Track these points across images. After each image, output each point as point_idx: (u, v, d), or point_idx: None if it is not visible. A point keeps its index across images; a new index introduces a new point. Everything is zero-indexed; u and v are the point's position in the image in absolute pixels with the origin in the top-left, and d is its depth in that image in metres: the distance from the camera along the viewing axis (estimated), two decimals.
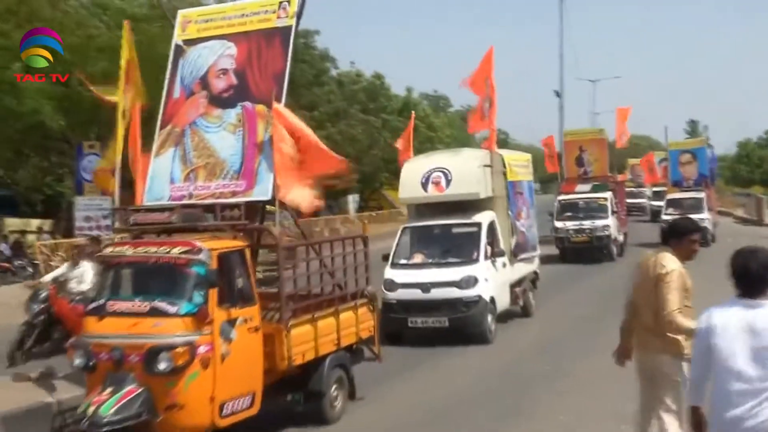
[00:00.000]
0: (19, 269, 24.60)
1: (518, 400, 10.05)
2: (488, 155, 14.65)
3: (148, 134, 9.26)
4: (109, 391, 7.14)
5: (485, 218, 14.17)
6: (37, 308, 9.86)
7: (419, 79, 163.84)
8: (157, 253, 7.53)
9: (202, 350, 7.24)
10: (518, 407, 9.69)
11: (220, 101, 8.79)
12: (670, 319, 5.85)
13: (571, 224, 25.56)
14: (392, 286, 13.55)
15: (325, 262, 9.31)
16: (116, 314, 7.48)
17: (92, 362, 7.43)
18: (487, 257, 13.72)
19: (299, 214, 8.97)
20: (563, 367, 11.69)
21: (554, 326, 14.98)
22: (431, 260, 13.85)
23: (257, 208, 8.39)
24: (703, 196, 31.48)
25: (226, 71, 8.91)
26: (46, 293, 9.98)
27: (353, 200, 47.69)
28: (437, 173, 14.21)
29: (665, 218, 29.65)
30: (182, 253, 7.44)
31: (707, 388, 4.69)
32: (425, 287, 13.35)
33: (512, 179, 15.05)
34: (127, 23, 10.78)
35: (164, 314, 7.28)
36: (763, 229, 38.17)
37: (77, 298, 9.63)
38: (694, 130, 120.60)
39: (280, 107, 8.11)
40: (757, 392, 4.37)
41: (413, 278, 13.51)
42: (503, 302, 14.28)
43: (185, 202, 8.33)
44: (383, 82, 47.28)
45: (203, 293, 7.31)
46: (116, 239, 9.79)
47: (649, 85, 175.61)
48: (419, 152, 19.11)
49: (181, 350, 7.11)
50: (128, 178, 9.43)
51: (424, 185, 14.19)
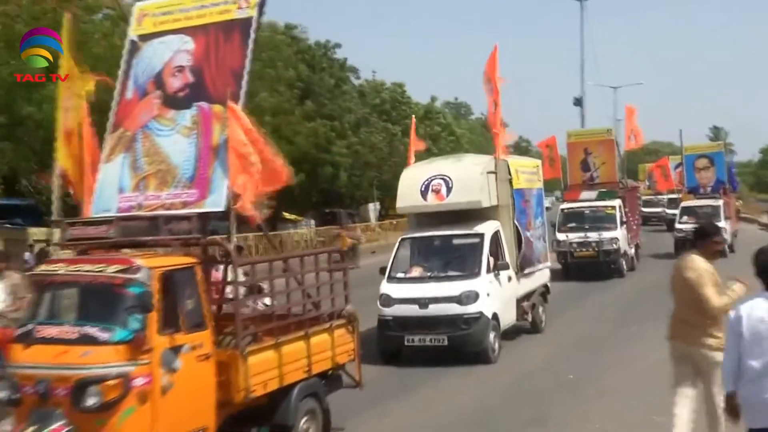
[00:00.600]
0: None
1: (520, 421, 9.31)
2: (492, 161, 13.48)
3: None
4: (32, 429, 6.15)
5: (488, 228, 13.01)
6: None
7: (441, 87, 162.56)
8: (90, 272, 6.51)
9: (138, 383, 6.18)
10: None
11: (174, 102, 7.72)
12: (715, 311, 6.58)
13: (574, 236, 22.56)
14: (388, 301, 12.46)
15: (295, 278, 8.13)
16: (44, 341, 6.47)
17: (17, 396, 6.41)
18: (489, 270, 12.58)
19: (253, 225, 7.79)
20: (570, 387, 10.81)
21: (563, 343, 13.89)
22: (430, 274, 12.73)
23: (209, 220, 7.22)
24: (720, 203, 29.13)
25: (182, 68, 7.85)
26: None
27: (374, 208, 46.64)
28: (437, 180, 13.08)
29: (679, 227, 28.10)
30: (118, 272, 6.39)
31: (739, 374, 5.18)
32: (423, 303, 12.25)
33: (519, 187, 13.88)
34: (68, 15, 9.54)
35: (95, 342, 6.26)
36: None
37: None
38: (717, 136, 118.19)
39: (236, 107, 6.98)
40: None
41: (410, 293, 12.40)
42: (508, 318, 13.10)
43: (126, 214, 7.22)
44: (404, 90, 46.15)
45: (141, 317, 6.25)
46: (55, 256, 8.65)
47: (671, 91, 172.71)
48: None
49: (112, 383, 6.09)
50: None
51: (423, 193, 13.07)
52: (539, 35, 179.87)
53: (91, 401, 6.10)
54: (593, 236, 22.28)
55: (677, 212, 29.91)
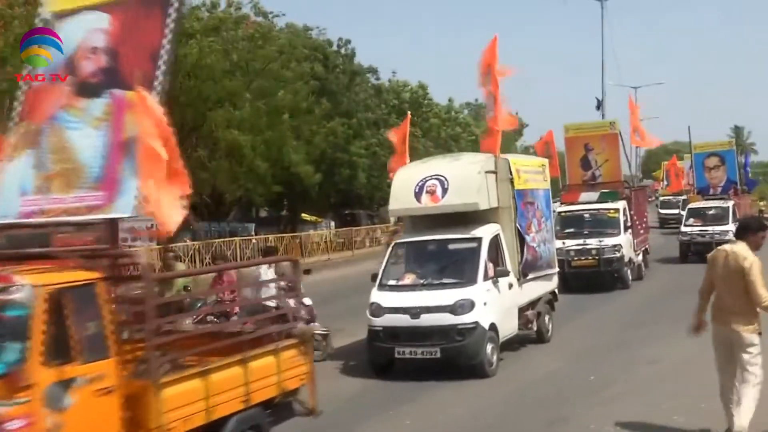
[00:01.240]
0: None
1: None
2: (491, 160, 12.10)
3: None
4: None
5: (487, 232, 11.64)
6: None
7: (460, 88, 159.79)
8: None
9: (14, 426, 4.85)
10: None
11: (86, 89, 6.48)
12: (762, 301, 6.93)
13: (572, 243, 19.17)
14: (378, 310, 11.23)
15: (227, 295, 6.78)
16: None
17: None
18: (487, 277, 11.28)
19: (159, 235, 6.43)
20: (573, 401, 9.69)
21: (568, 355, 12.55)
22: (423, 281, 11.43)
23: (117, 227, 5.87)
24: (729, 205, 26.59)
25: (95, 50, 6.57)
26: None
27: None
28: (432, 181, 11.74)
29: (684, 230, 26.04)
30: None
31: None
32: (414, 313, 11.03)
33: (521, 187, 12.47)
34: None
35: None
36: None
37: None
38: (738, 135, 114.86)
39: (147, 94, 5.63)
40: None
41: (401, 302, 11.15)
42: (508, 328, 11.75)
43: (11, 221, 5.91)
44: (427, 93, 44.65)
45: (20, 346, 4.92)
46: None
47: (693, 91, 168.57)
48: None
49: None
50: None
51: (417, 195, 11.75)
52: (560, 36, 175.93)
53: None
54: (593, 243, 19.29)
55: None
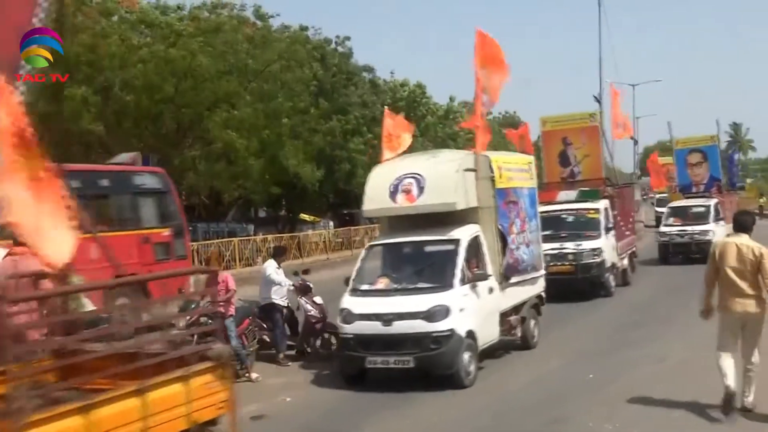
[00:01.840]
0: None
1: None
2: (470, 157, 11.14)
3: None
4: None
5: (465, 233, 10.68)
6: None
7: (458, 87, 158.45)
8: None
9: None
10: None
11: None
12: None
13: (548, 247, 15.98)
14: (349, 317, 10.32)
15: (126, 311, 5.59)
16: None
17: None
18: (465, 281, 10.26)
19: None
20: (570, 402, 9.15)
21: (553, 361, 11.62)
22: (397, 286, 10.45)
23: None
24: (712, 203, 24.86)
25: None
26: None
27: None
28: (408, 180, 10.80)
29: (664, 230, 24.29)
30: None
31: None
32: (387, 319, 10.18)
33: (503, 186, 11.47)
34: None
35: None
36: None
37: None
38: (737, 132, 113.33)
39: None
40: None
41: (373, 308, 10.25)
42: (488, 335, 10.79)
43: None
44: (424, 91, 43.55)
45: None
46: None
47: (691, 88, 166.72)
48: None
49: None
50: None
51: (392, 194, 10.80)
52: (559, 34, 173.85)
53: None
54: (570, 247, 16.94)
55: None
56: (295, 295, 12.16)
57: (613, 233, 18.25)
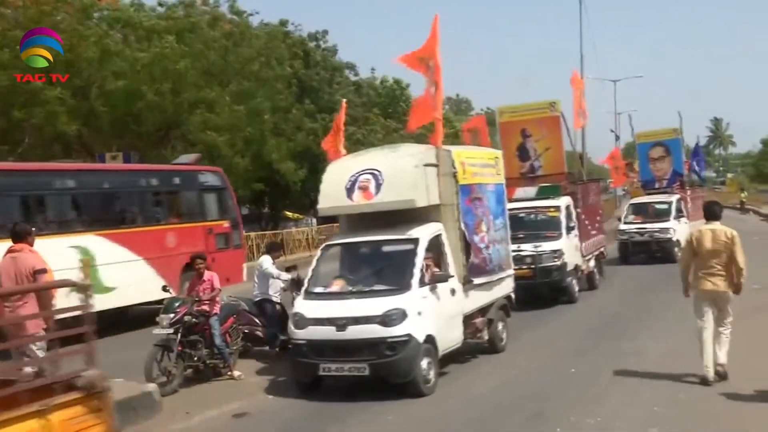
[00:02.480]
0: None
1: None
2: (431, 152, 10.26)
3: None
4: None
5: (425, 232, 9.83)
6: None
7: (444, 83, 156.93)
8: None
9: None
10: None
11: None
12: (744, 267, 8.68)
13: None
14: (301, 322, 9.52)
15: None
16: None
17: None
18: (424, 283, 9.35)
19: None
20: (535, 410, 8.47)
21: (524, 363, 10.94)
22: (352, 288, 9.50)
23: None
24: (674, 199, 23.29)
25: None
26: None
27: None
28: (365, 176, 9.95)
29: (623, 228, 22.71)
30: None
31: None
32: (341, 324, 9.31)
33: (466, 182, 10.58)
34: None
35: None
36: None
37: None
38: (717, 128, 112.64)
39: None
40: None
41: (327, 312, 9.43)
42: (451, 339, 9.99)
43: None
44: (404, 88, 42.57)
45: None
46: None
47: (672, 84, 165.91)
48: None
49: None
50: None
51: (349, 191, 9.94)
52: (538, 30, 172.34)
53: None
54: (528, 249, 14.87)
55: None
56: (290, 289, 11.52)
57: (575, 233, 16.34)
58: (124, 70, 24.67)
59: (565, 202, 16.20)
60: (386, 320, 9.09)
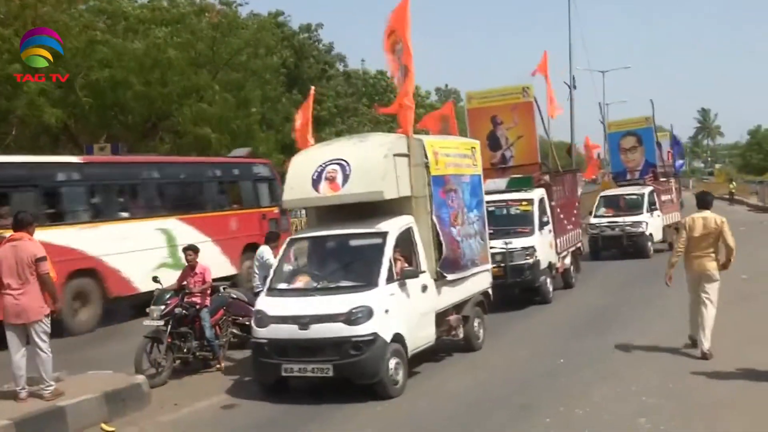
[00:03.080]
0: None
1: None
2: (402, 141, 9.56)
3: None
4: None
5: (395, 226, 9.19)
6: None
7: (431, 74, 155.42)
8: None
9: None
10: None
11: None
12: (734, 248, 9.37)
13: None
14: (263, 320, 8.80)
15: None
16: None
17: None
18: (392, 279, 8.75)
19: None
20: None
21: (500, 363, 10.22)
22: (317, 285, 8.80)
23: None
24: (646, 192, 21.89)
25: None
26: None
27: None
28: (333, 166, 9.27)
29: (593, 222, 21.39)
30: None
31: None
32: (303, 323, 8.63)
33: (439, 173, 9.86)
34: None
35: None
36: None
37: None
38: (705, 118, 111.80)
39: None
40: None
41: (289, 310, 8.81)
42: (422, 338, 9.34)
43: None
44: (388, 81, 41.73)
45: None
46: None
47: (659, 75, 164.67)
48: None
49: None
50: None
51: (315, 182, 9.25)
52: (529, 22, 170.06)
53: None
54: (497, 246, 13.15)
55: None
56: None
57: (550, 228, 14.89)
58: (110, 57, 23.99)
59: (538, 194, 14.78)
60: (351, 318, 8.41)
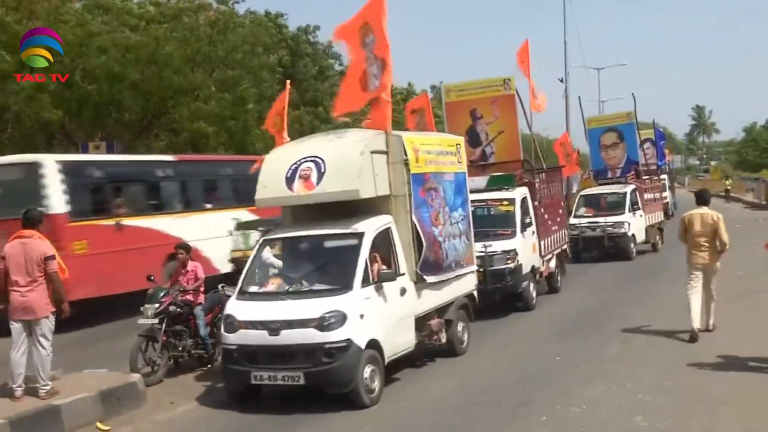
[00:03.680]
0: None
1: None
2: (380, 138, 8.98)
3: None
4: None
5: (371, 226, 8.63)
6: None
7: (426, 72, 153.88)
8: None
9: None
10: None
11: None
12: (727, 243, 10.04)
13: None
14: (232, 325, 8.08)
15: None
16: None
17: None
18: (368, 282, 8.18)
19: None
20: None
21: (487, 368, 9.67)
22: (289, 288, 8.11)
23: None
24: (628, 190, 20.53)
25: None
26: None
27: None
28: (307, 164, 8.70)
29: (573, 222, 19.75)
30: None
31: None
32: (274, 328, 8.05)
33: (420, 171, 9.25)
34: None
35: None
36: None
37: None
38: (700, 115, 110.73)
39: None
40: None
41: (260, 314, 8.27)
42: (400, 344, 8.86)
43: None
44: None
45: None
46: None
47: (655, 72, 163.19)
48: None
49: None
50: None
51: (289, 181, 8.60)
52: (523, 19, 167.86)
53: None
54: (476, 249, 11.64)
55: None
56: None
57: (533, 230, 13.72)
58: (107, 45, 23.46)
59: (520, 194, 13.57)
60: (323, 324, 7.84)
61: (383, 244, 8.81)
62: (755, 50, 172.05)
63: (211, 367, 9.89)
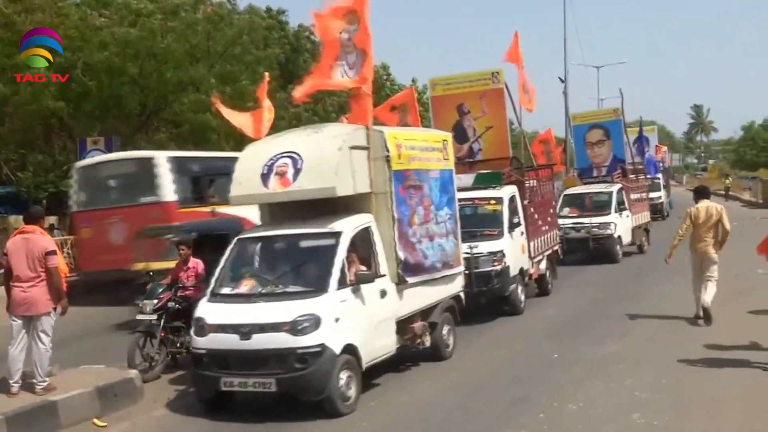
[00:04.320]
0: None
1: None
2: (360, 133, 8.37)
3: None
4: None
5: (350, 225, 8.06)
6: None
7: (425, 72, 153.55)
8: None
9: None
10: None
11: None
12: (729, 231, 10.60)
13: None
14: (202, 328, 7.57)
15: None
16: None
17: None
18: (345, 284, 7.65)
19: None
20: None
21: (477, 369, 9.20)
22: (262, 289, 7.51)
23: None
24: (614, 190, 19.27)
25: None
26: None
27: None
28: (284, 160, 8.15)
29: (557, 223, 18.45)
30: None
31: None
32: (245, 332, 7.47)
33: (401, 167, 8.67)
34: None
35: None
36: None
37: None
38: (698, 114, 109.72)
39: None
40: None
41: (231, 317, 7.67)
42: (379, 348, 8.33)
43: None
44: (390, 73, 40.28)
45: None
46: None
47: (653, 70, 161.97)
48: None
49: None
50: None
51: (264, 177, 8.07)
52: (523, 17, 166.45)
53: None
54: (462, 250, 10.69)
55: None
56: None
57: (522, 230, 12.82)
58: (108, 41, 22.96)
59: (508, 192, 12.68)
60: (296, 328, 7.29)
61: (363, 244, 8.26)
62: (754, 49, 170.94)
63: None
